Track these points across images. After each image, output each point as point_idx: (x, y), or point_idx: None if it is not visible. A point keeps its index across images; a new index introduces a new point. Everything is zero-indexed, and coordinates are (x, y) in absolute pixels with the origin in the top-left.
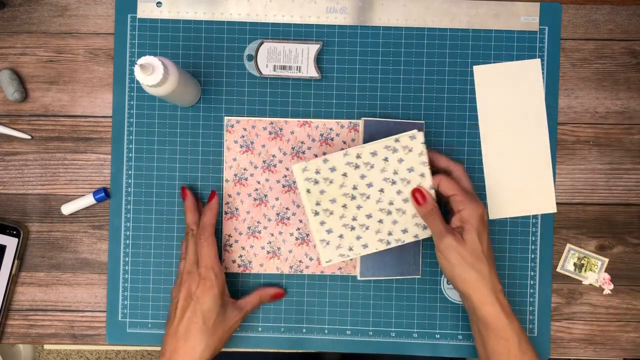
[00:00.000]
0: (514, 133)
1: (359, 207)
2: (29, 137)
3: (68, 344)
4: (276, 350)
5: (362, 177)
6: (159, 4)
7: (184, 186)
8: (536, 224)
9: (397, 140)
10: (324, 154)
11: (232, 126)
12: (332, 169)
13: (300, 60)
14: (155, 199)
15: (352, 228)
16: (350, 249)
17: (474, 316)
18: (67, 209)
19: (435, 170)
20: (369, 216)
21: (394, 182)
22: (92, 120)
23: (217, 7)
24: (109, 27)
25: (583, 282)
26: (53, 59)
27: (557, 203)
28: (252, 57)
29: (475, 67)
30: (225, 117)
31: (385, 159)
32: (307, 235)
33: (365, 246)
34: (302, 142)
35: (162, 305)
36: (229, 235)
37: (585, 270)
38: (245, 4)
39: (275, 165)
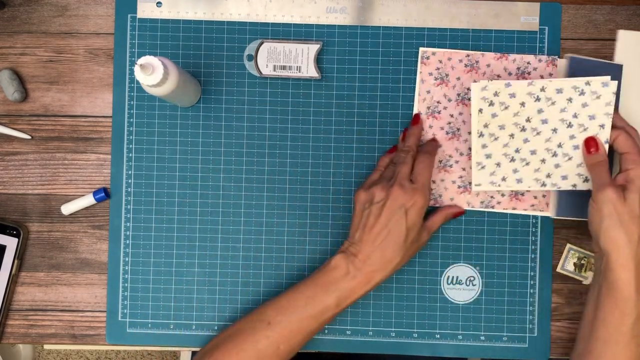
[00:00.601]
0: None
1: (525, 141)
2: (29, 137)
3: (68, 344)
4: None
5: (540, 111)
6: (159, 4)
7: (418, 113)
8: (536, 224)
9: (587, 84)
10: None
11: (427, 58)
12: (512, 95)
13: (300, 60)
14: (155, 199)
15: (512, 159)
16: (504, 179)
17: (602, 277)
18: (67, 209)
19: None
20: (533, 152)
21: (570, 125)
22: (92, 120)
23: (217, 7)
24: (109, 27)
25: (583, 282)
26: (53, 59)
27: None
28: (252, 57)
29: (620, 31)
30: (421, 49)
31: (569, 100)
32: None
33: (519, 181)
34: (498, 76)
35: (162, 305)
36: None
37: (585, 270)
38: (245, 4)
39: (469, 99)
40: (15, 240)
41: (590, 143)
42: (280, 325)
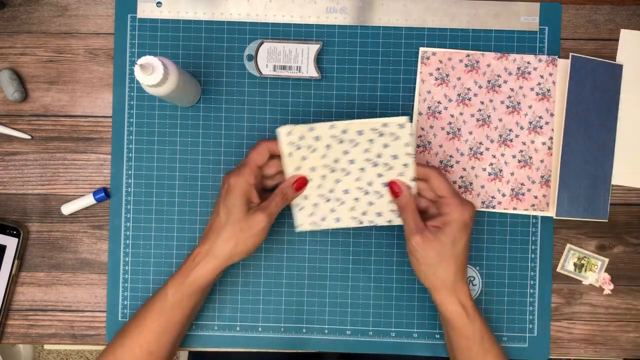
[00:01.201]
0: None
1: (337, 181)
2: (29, 137)
3: (68, 344)
4: (276, 350)
5: (345, 152)
6: (159, 4)
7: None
8: (536, 224)
9: (385, 125)
10: (520, 88)
11: (427, 58)
12: (317, 138)
13: (300, 60)
14: (155, 199)
15: (328, 200)
16: (323, 219)
17: (439, 311)
18: (67, 209)
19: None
20: (346, 191)
21: (375, 164)
22: (92, 120)
23: (217, 7)
24: (109, 27)
25: (583, 282)
26: (53, 59)
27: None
28: (252, 57)
29: (623, 31)
30: (421, 49)
31: (371, 141)
32: (501, 170)
33: (337, 220)
34: (498, 76)
35: None
36: None
37: (586, 270)
38: (245, 4)
39: (470, 99)
40: (15, 240)
41: (393, 188)
42: (130, 329)
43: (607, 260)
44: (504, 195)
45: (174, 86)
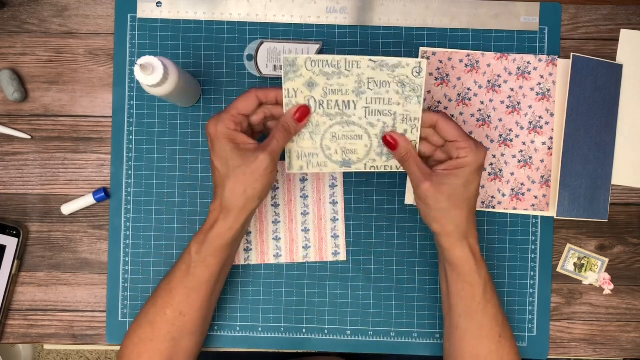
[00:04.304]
0: None
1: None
2: (29, 137)
3: (68, 344)
4: (276, 350)
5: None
6: (159, 4)
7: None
8: (536, 224)
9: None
10: (520, 88)
11: (428, 58)
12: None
13: None
14: (155, 199)
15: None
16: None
17: (442, 256)
18: (67, 209)
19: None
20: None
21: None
22: (92, 120)
23: (217, 7)
24: (109, 27)
25: (583, 282)
26: (53, 59)
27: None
28: (252, 57)
29: (623, 31)
30: (422, 49)
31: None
32: (501, 170)
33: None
34: (498, 76)
35: None
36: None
37: (586, 270)
38: (245, 4)
39: (470, 99)
40: (15, 240)
41: (388, 140)
42: (160, 290)
43: (607, 260)
44: (504, 195)
45: (174, 86)
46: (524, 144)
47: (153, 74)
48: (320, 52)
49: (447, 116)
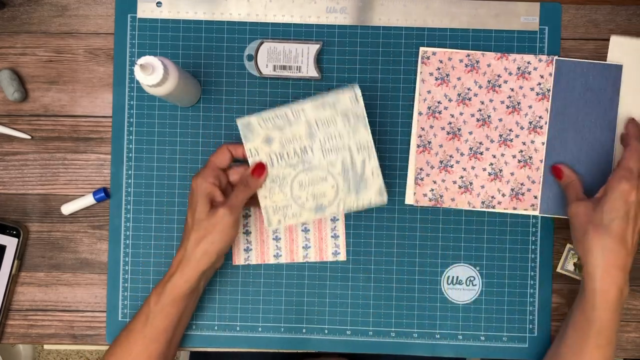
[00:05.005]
0: None
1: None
2: (29, 137)
3: (68, 344)
4: (276, 350)
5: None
6: (159, 4)
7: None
8: (536, 224)
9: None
10: (520, 88)
11: (428, 58)
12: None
13: (300, 60)
14: (155, 199)
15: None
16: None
17: (582, 287)
18: (67, 209)
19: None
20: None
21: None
22: (92, 120)
23: (217, 7)
24: (109, 27)
25: None
26: (53, 59)
27: None
28: (252, 57)
29: (612, 37)
30: (422, 49)
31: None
32: (501, 170)
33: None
34: (498, 76)
35: None
36: (420, 169)
37: None
38: (245, 4)
39: (470, 99)
40: (15, 240)
41: (556, 172)
42: (121, 338)
43: None
44: (504, 195)
45: (174, 86)
46: (524, 144)
47: (153, 74)
48: (320, 52)
49: (637, 145)
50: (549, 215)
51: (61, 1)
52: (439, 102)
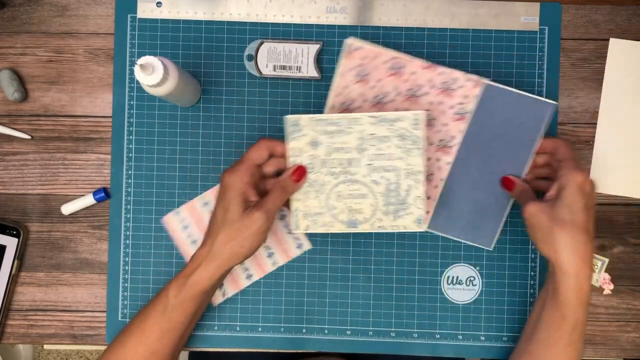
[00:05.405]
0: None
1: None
2: (29, 137)
3: (68, 344)
4: (276, 350)
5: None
6: (159, 4)
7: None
8: None
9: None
10: (440, 103)
11: (352, 51)
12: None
13: (300, 61)
14: (155, 199)
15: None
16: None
17: (548, 280)
18: (67, 209)
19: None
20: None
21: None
22: (92, 120)
23: (217, 7)
24: (109, 27)
25: None
26: (53, 59)
27: None
28: (252, 57)
29: (612, 40)
30: (348, 40)
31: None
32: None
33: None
34: (420, 86)
35: None
36: None
37: None
38: (245, 4)
39: (385, 104)
40: (15, 240)
41: (506, 183)
42: (134, 328)
43: (607, 260)
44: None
45: (174, 86)
46: (429, 159)
47: (153, 74)
48: (320, 52)
49: (566, 143)
50: (438, 233)
51: (61, 1)
52: (353, 100)
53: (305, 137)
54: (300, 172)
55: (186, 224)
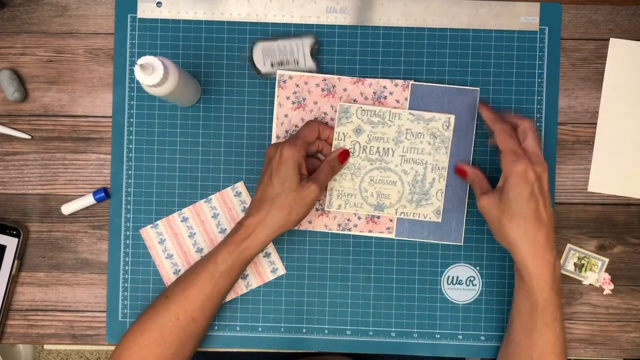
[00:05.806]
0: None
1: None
2: (29, 137)
3: (68, 344)
4: (276, 350)
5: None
6: (159, 4)
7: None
8: None
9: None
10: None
11: (284, 82)
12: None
13: (296, 54)
14: (155, 199)
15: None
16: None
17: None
18: (67, 209)
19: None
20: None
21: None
22: (92, 120)
23: (217, 7)
24: (109, 27)
25: (583, 282)
26: (53, 59)
27: (556, 203)
28: (250, 58)
29: (612, 40)
30: (279, 72)
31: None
32: None
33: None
34: (354, 100)
35: None
36: None
37: (586, 270)
38: (245, 4)
39: (327, 123)
40: (15, 240)
41: (460, 171)
42: (175, 295)
43: (607, 260)
44: (359, 218)
45: (174, 86)
46: None
47: (153, 74)
48: (314, 47)
49: (502, 130)
50: (406, 239)
51: (61, 1)
52: (295, 126)
53: (351, 124)
54: (345, 154)
55: (163, 238)
